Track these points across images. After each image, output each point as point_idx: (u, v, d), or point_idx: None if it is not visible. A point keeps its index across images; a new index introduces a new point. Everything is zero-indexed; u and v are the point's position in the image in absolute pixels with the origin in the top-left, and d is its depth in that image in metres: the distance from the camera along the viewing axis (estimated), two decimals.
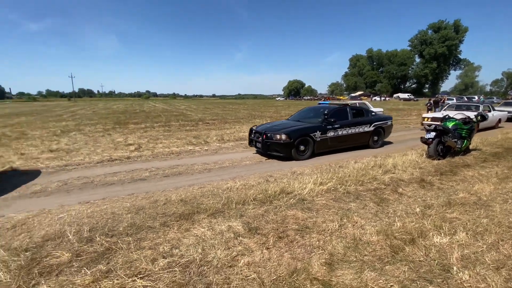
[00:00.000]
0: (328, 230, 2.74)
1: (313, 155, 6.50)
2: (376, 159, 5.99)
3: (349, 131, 6.97)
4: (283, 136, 6.02)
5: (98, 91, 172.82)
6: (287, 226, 2.85)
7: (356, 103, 13.80)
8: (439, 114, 10.68)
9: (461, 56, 76.72)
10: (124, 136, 9.88)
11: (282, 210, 3.26)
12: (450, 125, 6.06)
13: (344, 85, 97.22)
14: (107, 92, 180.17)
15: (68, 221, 3.11)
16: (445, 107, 12.61)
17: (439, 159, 5.73)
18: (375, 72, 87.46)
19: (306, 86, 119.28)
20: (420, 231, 2.60)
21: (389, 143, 8.51)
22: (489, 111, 11.29)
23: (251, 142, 6.92)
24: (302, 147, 6.24)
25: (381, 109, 14.67)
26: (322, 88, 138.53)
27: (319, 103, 7.78)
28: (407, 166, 5.21)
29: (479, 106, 11.36)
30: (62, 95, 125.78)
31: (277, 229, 2.77)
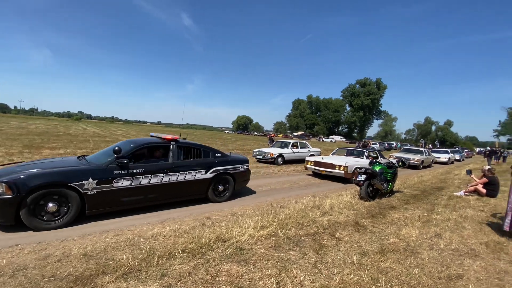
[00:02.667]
0: None
1: (85, 217, 4.03)
2: (315, 199, 6.08)
3: (166, 179, 4.72)
4: (2, 187, 3.36)
5: (15, 107, 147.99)
6: (218, 287, 2.38)
7: (297, 142, 14.62)
8: (320, 159, 10.02)
9: (382, 108, 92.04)
10: None
11: (215, 264, 2.78)
12: (377, 168, 6.66)
13: (288, 125, 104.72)
14: (27, 108, 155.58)
15: None
16: (334, 151, 12.00)
17: (369, 201, 6.11)
18: (313, 116, 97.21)
19: (254, 122, 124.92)
20: (359, 287, 2.45)
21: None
22: (376, 157, 10.42)
23: None
24: (52, 206, 3.63)
25: (319, 149, 15.82)
26: (268, 126, 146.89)
27: (151, 135, 5.67)
28: (342, 208, 5.35)
29: (364, 152, 10.68)
30: None
31: None
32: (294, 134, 78.89)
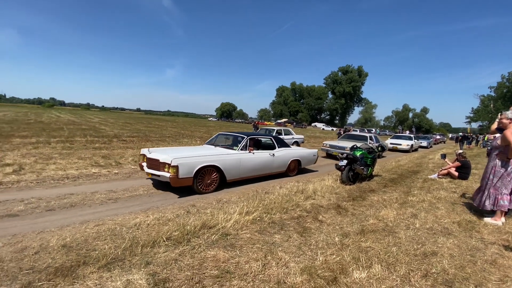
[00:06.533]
0: (251, 273, 2.42)
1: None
2: (298, 184, 6.19)
3: None
4: None
5: None
6: (204, 273, 2.39)
7: (281, 129, 14.72)
8: (146, 152, 5.70)
9: (363, 96, 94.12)
10: (1, 153, 7.58)
11: (201, 250, 2.78)
12: (358, 154, 6.85)
13: (272, 112, 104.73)
14: None
15: None
16: (213, 137, 7.73)
17: (350, 185, 6.33)
18: (297, 103, 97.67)
19: (238, 109, 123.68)
20: (341, 266, 2.56)
21: None
22: (273, 147, 7.32)
23: None
24: None
25: (302, 136, 16.03)
26: (252, 113, 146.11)
27: None
28: (325, 192, 5.50)
29: (242, 139, 6.67)
30: None
31: (192, 279, 2.28)
32: (278, 121, 79.21)
